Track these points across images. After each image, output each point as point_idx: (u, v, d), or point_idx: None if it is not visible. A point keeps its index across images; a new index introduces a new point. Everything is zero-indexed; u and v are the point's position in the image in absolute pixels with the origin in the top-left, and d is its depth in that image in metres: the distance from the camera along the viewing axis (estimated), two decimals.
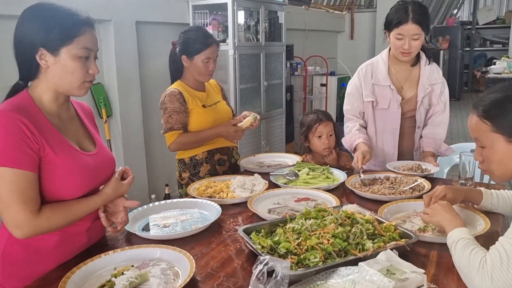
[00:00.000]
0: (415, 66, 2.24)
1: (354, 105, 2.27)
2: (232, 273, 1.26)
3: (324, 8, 6.69)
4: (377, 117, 2.26)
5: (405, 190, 1.84)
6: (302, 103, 5.84)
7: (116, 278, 1.18)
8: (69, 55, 1.25)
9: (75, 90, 1.31)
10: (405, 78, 2.22)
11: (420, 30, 2.04)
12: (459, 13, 13.21)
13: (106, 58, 3.32)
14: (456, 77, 10.93)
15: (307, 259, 1.18)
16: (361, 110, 2.27)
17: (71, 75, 1.27)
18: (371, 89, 2.22)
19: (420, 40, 2.07)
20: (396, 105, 2.19)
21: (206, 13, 3.84)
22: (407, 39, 2.05)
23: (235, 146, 2.50)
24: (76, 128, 1.41)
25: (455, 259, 1.18)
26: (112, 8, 3.21)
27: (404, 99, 2.22)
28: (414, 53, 2.13)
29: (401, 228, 1.38)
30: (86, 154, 1.37)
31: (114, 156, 1.54)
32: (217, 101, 2.39)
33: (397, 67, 2.22)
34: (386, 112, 2.22)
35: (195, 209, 1.71)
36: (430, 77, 2.21)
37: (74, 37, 1.25)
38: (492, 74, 6.67)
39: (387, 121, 2.24)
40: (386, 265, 1.11)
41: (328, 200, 1.77)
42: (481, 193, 1.59)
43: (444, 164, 2.61)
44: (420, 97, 2.20)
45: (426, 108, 2.25)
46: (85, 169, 1.33)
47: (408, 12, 2.02)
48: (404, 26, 2.02)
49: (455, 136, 7.17)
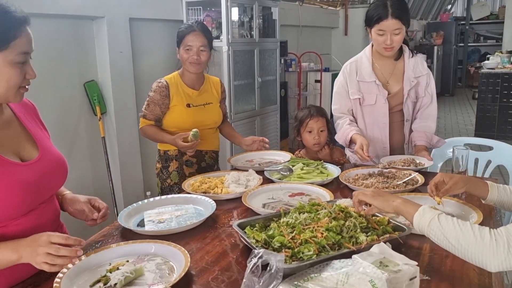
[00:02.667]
0: (399, 60, 2.25)
1: (342, 104, 2.29)
2: (226, 267, 1.27)
3: (318, 4, 6.69)
4: (365, 114, 2.27)
5: (399, 184, 1.85)
6: (297, 99, 5.85)
7: (111, 273, 1.18)
8: (4, 62, 1.12)
9: (11, 98, 1.18)
10: (389, 73, 2.24)
11: (400, 25, 2.05)
12: (453, 8, 13.26)
13: (100, 55, 3.31)
14: (450, 72, 10.99)
15: (301, 253, 1.18)
16: (349, 108, 2.29)
17: (6, 83, 1.14)
18: (356, 86, 2.23)
19: (402, 34, 2.08)
20: (383, 100, 2.21)
21: (199, 9, 3.83)
22: (389, 34, 2.06)
23: (213, 150, 2.41)
24: (13, 134, 1.26)
25: (443, 235, 1.12)
26: (105, 4, 3.20)
27: (391, 94, 2.23)
28: (396, 47, 2.14)
29: (394, 221, 1.40)
30: (25, 165, 1.22)
31: (63, 156, 1.38)
32: (208, 102, 2.34)
33: (381, 62, 2.24)
34: (374, 107, 2.23)
35: (190, 205, 1.72)
36: (414, 70, 2.22)
37: (10, 42, 1.11)
38: (486, 69, 6.70)
39: (375, 116, 2.25)
40: (379, 258, 1.12)
41: (322, 195, 1.78)
42: (486, 184, 1.46)
43: (437, 159, 2.63)
44: (406, 90, 2.22)
45: (413, 101, 2.27)
46: (24, 184, 1.19)
47: (387, 7, 2.04)
48: (385, 22, 2.04)
49: (449, 131, 7.21)
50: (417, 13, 10.61)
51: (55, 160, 1.33)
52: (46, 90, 2.95)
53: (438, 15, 11.97)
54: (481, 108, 6.60)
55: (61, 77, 3.08)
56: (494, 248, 1.05)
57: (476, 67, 11.14)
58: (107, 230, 1.53)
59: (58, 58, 3.01)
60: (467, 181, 1.49)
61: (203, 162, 2.38)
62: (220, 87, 2.43)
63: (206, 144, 2.34)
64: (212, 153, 2.42)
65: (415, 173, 1.98)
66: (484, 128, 6.55)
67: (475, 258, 1.08)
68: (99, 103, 3.27)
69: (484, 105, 6.58)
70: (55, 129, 2.99)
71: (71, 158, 3.11)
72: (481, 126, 6.60)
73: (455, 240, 1.11)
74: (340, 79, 2.29)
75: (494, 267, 1.06)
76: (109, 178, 3.36)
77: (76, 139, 3.24)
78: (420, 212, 1.19)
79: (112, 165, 3.40)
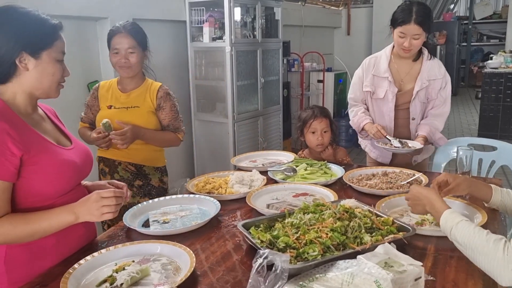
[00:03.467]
0: (417, 61, 2.34)
1: (357, 94, 2.44)
2: (231, 267, 1.27)
3: (321, 4, 6.69)
4: (374, 106, 2.39)
5: (403, 185, 1.86)
6: (299, 99, 5.85)
7: (118, 273, 1.19)
8: (49, 58, 1.30)
9: (53, 92, 1.36)
10: (406, 72, 2.33)
11: (421, 31, 2.15)
12: (455, 8, 13.22)
13: (103, 56, 3.32)
14: (453, 72, 10.94)
15: (306, 253, 1.19)
16: (363, 98, 2.43)
17: (51, 77, 1.32)
18: (371, 80, 2.35)
19: (421, 39, 2.19)
20: (391, 95, 2.31)
21: (202, 10, 3.84)
22: (409, 37, 2.17)
23: (132, 163, 2.21)
24: (50, 127, 1.42)
25: (461, 241, 1.17)
26: (109, 5, 3.21)
27: (401, 91, 2.33)
28: (414, 51, 2.25)
29: (398, 221, 1.40)
30: (68, 150, 1.39)
31: (90, 150, 1.54)
32: (133, 106, 2.18)
33: (399, 61, 2.34)
34: (382, 101, 2.35)
35: (194, 205, 1.72)
36: (429, 72, 2.30)
37: (54, 41, 1.31)
38: (489, 69, 6.68)
39: (382, 110, 2.36)
40: (384, 258, 1.12)
41: (326, 195, 1.79)
42: (490, 188, 1.48)
43: (441, 159, 2.63)
44: (416, 90, 2.30)
45: (422, 101, 2.34)
46: (73, 163, 1.36)
47: (412, 13, 2.13)
48: (407, 25, 2.14)
49: (452, 130, 7.19)
50: None
51: (85, 150, 1.50)
52: None
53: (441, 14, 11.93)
54: (485, 108, 6.58)
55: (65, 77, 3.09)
56: (506, 262, 1.06)
57: (479, 67, 11.11)
58: (112, 231, 1.54)
59: None
60: (471, 183, 1.50)
61: (116, 174, 2.20)
62: (156, 94, 2.21)
63: (124, 154, 2.17)
64: (129, 165, 2.21)
65: (419, 173, 1.98)
66: (488, 128, 6.53)
67: (488, 270, 1.11)
68: None
69: (487, 105, 6.56)
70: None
71: None
72: (485, 126, 6.58)
73: (470, 250, 1.15)
74: (358, 71, 2.43)
75: (505, 281, 1.08)
76: None
77: (79, 139, 3.25)
78: (444, 217, 1.25)
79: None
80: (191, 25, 3.90)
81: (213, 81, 3.97)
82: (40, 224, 1.23)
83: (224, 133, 3.91)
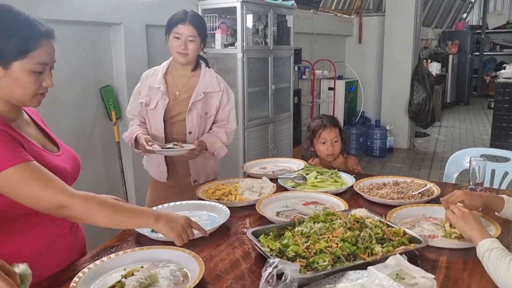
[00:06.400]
0: (195, 72, 2.24)
1: (133, 106, 2.32)
2: (240, 275, 1.26)
3: (333, 12, 6.69)
4: (149, 117, 2.25)
5: (414, 195, 1.83)
6: (310, 106, 5.84)
7: (126, 278, 1.19)
8: (22, 70, 1.18)
9: (27, 102, 1.25)
10: (183, 84, 2.24)
11: (196, 34, 2.10)
12: (468, 17, 13.15)
13: (116, 61, 3.35)
14: (465, 81, 10.87)
15: (316, 263, 1.18)
16: (140, 111, 2.29)
17: (22, 89, 1.20)
18: (147, 91, 2.24)
19: (197, 44, 2.12)
20: (161, 105, 2.19)
21: (215, 16, 3.86)
22: (184, 39, 2.09)
23: None
24: (35, 132, 1.36)
25: (490, 267, 1.18)
26: (122, 11, 3.24)
27: (174, 101, 2.21)
28: (191, 56, 2.14)
29: (410, 232, 1.38)
30: (57, 156, 1.34)
31: (77, 155, 1.48)
32: None
33: (177, 72, 2.25)
34: (153, 112, 2.22)
35: (204, 211, 1.72)
36: (206, 85, 2.21)
37: (29, 52, 1.17)
38: (502, 78, 6.60)
39: (155, 121, 2.23)
40: (395, 270, 1.11)
41: (337, 204, 1.77)
42: (503, 200, 1.53)
43: (453, 170, 2.60)
44: (191, 101, 2.18)
45: (200, 114, 2.20)
46: (60, 169, 1.30)
47: (187, 15, 2.10)
48: (181, 25, 2.09)
49: (464, 140, 7.13)
50: (432, 21, 10.54)
51: (72, 155, 1.44)
52: (63, 94, 2.99)
53: (454, 23, 11.88)
54: (497, 118, 6.50)
55: (78, 82, 3.12)
56: None
57: (492, 77, 11.01)
58: (121, 235, 1.54)
59: (75, 63, 3.05)
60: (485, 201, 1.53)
61: None
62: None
63: None
64: None
65: (431, 183, 1.96)
66: (500, 139, 6.44)
67: None
68: (114, 108, 3.30)
69: (500, 115, 6.48)
70: (71, 133, 3.03)
71: (86, 162, 3.13)
72: (497, 136, 6.50)
73: (497, 277, 1.15)
74: (138, 84, 2.33)
75: None
76: (123, 183, 3.38)
77: (91, 143, 3.28)
78: (481, 244, 1.25)
79: (126, 170, 3.42)
80: None
81: None
82: (122, 214, 1.24)
83: (234, 139, 3.90)
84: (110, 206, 1.23)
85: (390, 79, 6.46)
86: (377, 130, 6.13)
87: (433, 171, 5.49)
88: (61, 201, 1.17)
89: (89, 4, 2.98)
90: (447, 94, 10.16)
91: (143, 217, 1.28)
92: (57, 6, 2.75)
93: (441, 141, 7.13)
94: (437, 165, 5.70)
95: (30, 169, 1.16)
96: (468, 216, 1.37)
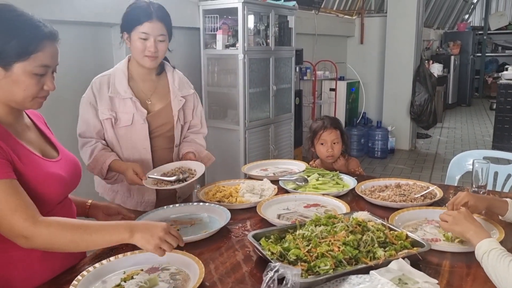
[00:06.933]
0: (161, 75, 1.94)
1: (89, 127, 1.83)
2: (241, 279, 1.25)
3: (334, 12, 6.67)
4: (120, 137, 1.85)
5: (417, 198, 1.82)
6: (311, 107, 5.82)
7: (126, 282, 1.18)
8: (23, 71, 1.15)
9: (27, 105, 1.22)
10: (151, 91, 1.90)
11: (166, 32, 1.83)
12: (470, 18, 13.13)
13: (117, 62, 3.34)
14: (467, 82, 10.85)
15: (317, 267, 1.17)
16: (100, 130, 1.84)
17: (23, 92, 1.17)
18: (108, 103, 1.82)
19: (166, 43, 1.84)
20: (140, 120, 1.83)
21: (216, 17, 3.85)
22: (152, 39, 1.78)
23: None
24: (35, 136, 1.32)
25: (489, 269, 1.16)
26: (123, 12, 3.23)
27: (151, 113, 1.87)
28: (160, 58, 1.85)
29: (413, 236, 1.36)
30: (54, 162, 1.29)
31: (77, 160, 1.44)
32: None
33: (140, 77, 1.89)
34: (131, 129, 1.84)
35: (204, 214, 1.71)
36: (180, 88, 1.94)
37: (31, 53, 1.14)
38: (504, 80, 6.58)
39: (133, 140, 1.85)
40: (398, 274, 1.10)
41: (338, 207, 1.76)
42: (507, 203, 1.52)
43: (456, 172, 2.58)
44: (176, 111, 1.90)
45: (181, 123, 1.96)
46: (56, 177, 1.25)
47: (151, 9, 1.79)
48: (148, 23, 1.77)
49: (466, 142, 7.10)
50: (434, 22, 10.52)
51: (73, 161, 1.40)
52: (64, 95, 2.97)
53: (455, 24, 11.86)
54: (499, 119, 6.48)
55: (79, 83, 3.11)
56: None
57: (494, 78, 10.98)
58: None
59: (76, 64, 3.04)
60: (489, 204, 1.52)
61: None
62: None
63: None
64: None
65: (433, 186, 1.94)
66: (502, 140, 6.42)
67: None
68: None
69: (502, 117, 6.45)
70: (72, 134, 3.01)
71: None
72: (499, 137, 6.48)
73: (497, 278, 1.14)
74: (87, 96, 1.88)
75: None
76: None
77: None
78: (479, 246, 1.23)
79: None
80: (205, 32, 3.91)
81: (225, 88, 3.97)
82: (91, 235, 1.15)
83: (235, 140, 3.90)
84: (76, 228, 1.15)
85: (391, 80, 6.45)
86: (379, 131, 6.12)
87: (434, 173, 5.48)
88: (22, 232, 1.10)
89: (90, 4, 2.97)
90: (449, 95, 10.14)
91: (116, 232, 1.18)
92: (58, 6, 2.74)
93: (443, 143, 7.11)
94: (438, 167, 5.68)
95: (4, 187, 1.10)
96: (459, 218, 1.34)
